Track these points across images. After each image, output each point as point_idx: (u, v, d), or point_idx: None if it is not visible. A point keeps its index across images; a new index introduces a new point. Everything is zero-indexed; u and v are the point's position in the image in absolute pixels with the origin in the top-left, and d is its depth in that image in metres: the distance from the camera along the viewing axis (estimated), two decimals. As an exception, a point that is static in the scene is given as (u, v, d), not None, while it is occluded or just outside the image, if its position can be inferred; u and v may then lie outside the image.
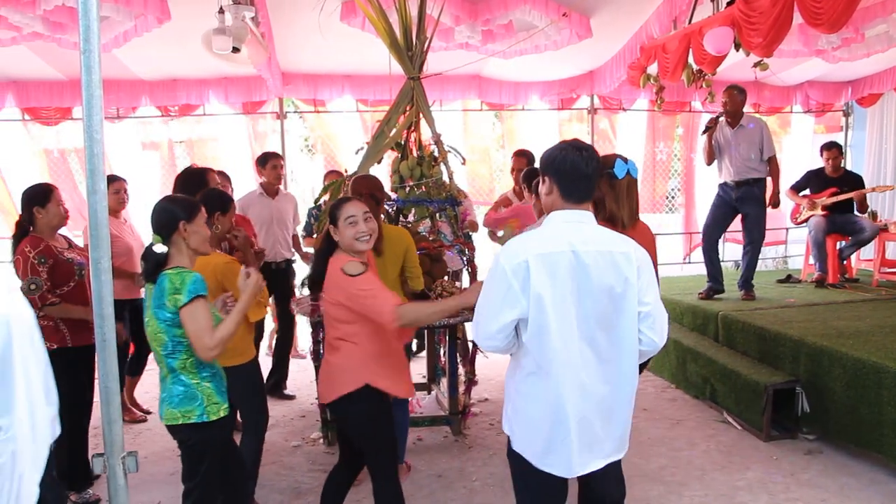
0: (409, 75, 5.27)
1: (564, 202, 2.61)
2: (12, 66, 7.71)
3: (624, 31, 7.50)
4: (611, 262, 2.52)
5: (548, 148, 2.70)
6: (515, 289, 2.48)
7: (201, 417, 2.96)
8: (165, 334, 2.90)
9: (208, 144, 9.15)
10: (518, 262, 2.48)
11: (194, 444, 3.03)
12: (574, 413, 2.54)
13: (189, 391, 2.96)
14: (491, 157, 9.94)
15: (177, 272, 2.89)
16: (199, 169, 4.53)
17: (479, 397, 6.15)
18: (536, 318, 2.50)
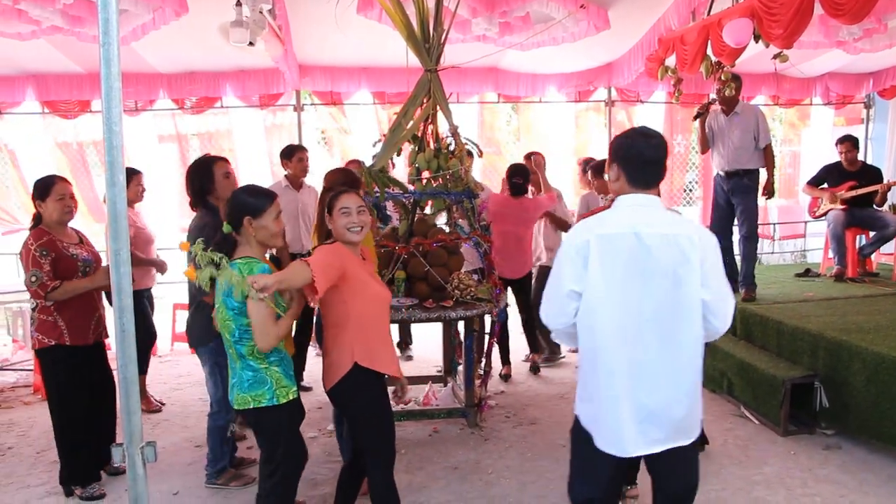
0: (427, 68, 5.26)
1: (631, 187, 2.69)
2: (32, 60, 7.76)
3: (642, 22, 7.45)
4: (674, 245, 2.56)
5: (616, 135, 2.81)
6: (577, 266, 2.61)
7: (271, 401, 3.08)
8: (233, 322, 3.03)
9: (224, 137, 9.18)
10: (581, 241, 2.61)
11: (267, 428, 3.16)
12: (627, 394, 2.60)
13: (258, 376, 3.08)
14: (508, 150, 9.91)
15: (245, 262, 2.99)
16: (205, 158, 4.53)
17: (495, 390, 6.15)
18: (590, 297, 2.61)
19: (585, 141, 10.13)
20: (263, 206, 3.14)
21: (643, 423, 2.62)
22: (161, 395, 6.26)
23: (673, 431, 2.65)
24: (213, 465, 4.43)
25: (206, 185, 4.32)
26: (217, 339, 4.25)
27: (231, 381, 3.16)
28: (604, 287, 2.58)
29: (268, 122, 9.30)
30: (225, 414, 4.35)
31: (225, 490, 4.38)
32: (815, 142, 10.64)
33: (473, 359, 5.17)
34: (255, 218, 3.11)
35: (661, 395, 2.61)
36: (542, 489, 4.29)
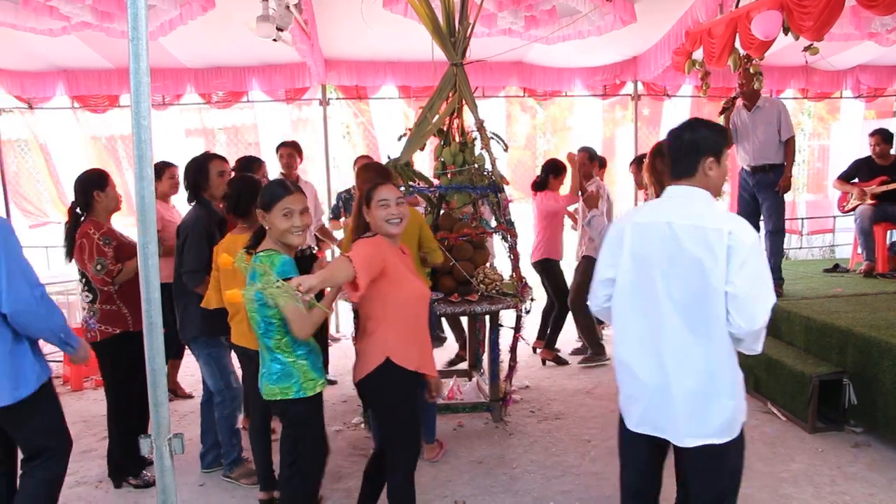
0: (452, 61, 5.25)
1: (672, 179, 2.77)
2: (63, 56, 7.86)
3: (669, 15, 7.39)
4: (702, 238, 2.58)
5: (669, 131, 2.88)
6: (613, 252, 2.79)
7: (298, 393, 3.10)
8: (258, 314, 3.05)
9: (250, 131, 9.24)
10: (618, 230, 2.79)
11: (293, 419, 3.17)
12: (650, 378, 2.68)
13: (286, 369, 3.10)
14: (534, 144, 9.88)
15: (266, 254, 3.01)
16: (202, 156, 4.61)
17: (520, 384, 6.15)
18: (620, 282, 2.77)
19: (612, 136, 10.07)
20: (270, 202, 3.11)
21: (666, 411, 2.66)
22: (189, 387, 6.32)
23: (696, 426, 2.64)
24: (226, 458, 4.47)
25: (201, 182, 4.41)
26: (208, 334, 4.32)
27: (261, 371, 3.19)
28: (633, 273, 2.71)
29: (293, 116, 9.35)
30: (229, 403, 4.41)
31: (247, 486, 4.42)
32: (845, 136, 10.50)
33: (498, 353, 5.17)
34: (266, 212, 3.12)
35: (687, 386, 2.62)
36: (566, 484, 4.29)
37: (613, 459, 4.54)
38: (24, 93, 8.58)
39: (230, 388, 4.40)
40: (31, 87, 8.48)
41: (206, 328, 4.29)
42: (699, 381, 2.62)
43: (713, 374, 2.62)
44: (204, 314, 4.23)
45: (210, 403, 4.53)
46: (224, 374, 4.39)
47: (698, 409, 2.63)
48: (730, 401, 2.65)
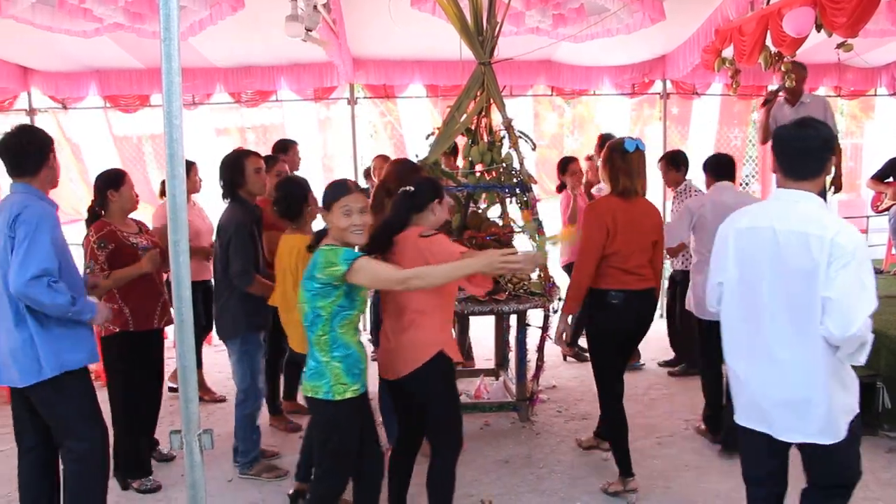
0: (480, 60, 5.25)
1: (784, 179, 2.74)
2: (95, 57, 7.95)
3: (698, 13, 7.31)
4: (803, 244, 2.57)
5: (777, 127, 2.93)
6: (720, 257, 2.83)
7: (327, 395, 3.08)
8: (308, 304, 3.07)
9: (278, 130, 9.28)
10: (723, 235, 2.82)
11: (319, 420, 3.21)
12: (755, 379, 2.74)
13: (319, 367, 3.11)
14: (561, 143, 9.83)
15: (330, 248, 3.02)
16: (237, 152, 4.63)
17: (547, 384, 6.12)
18: (730, 287, 2.81)
19: (640, 134, 10.00)
20: (331, 201, 3.12)
21: (774, 410, 2.72)
22: (217, 384, 6.37)
23: (799, 424, 2.68)
24: (244, 456, 4.50)
25: (237, 179, 4.41)
26: (247, 331, 4.35)
27: (306, 365, 3.21)
28: (737, 278, 2.75)
29: (321, 115, 9.38)
30: (252, 402, 4.44)
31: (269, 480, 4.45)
32: (880, 134, 10.31)
33: (525, 352, 5.15)
34: (327, 211, 3.14)
35: (790, 388, 2.66)
36: (593, 484, 4.27)
37: (642, 459, 4.55)
38: (58, 93, 8.69)
39: (255, 387, 4.44)
40: (65, 87, 8.59)
41: (246, 325, 4.33)
42: (797, 385, 2.64)
43: (812, 379, 2.63)
44: (244, 312, 4.28)
45: None
46: (253, 373, 4.42)
47: (796, 412, 2.67)
48: (826, 405, 2.65)
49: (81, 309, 3.25)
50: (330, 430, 3.17)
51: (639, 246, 4.00)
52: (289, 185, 4.07)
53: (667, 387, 6.10)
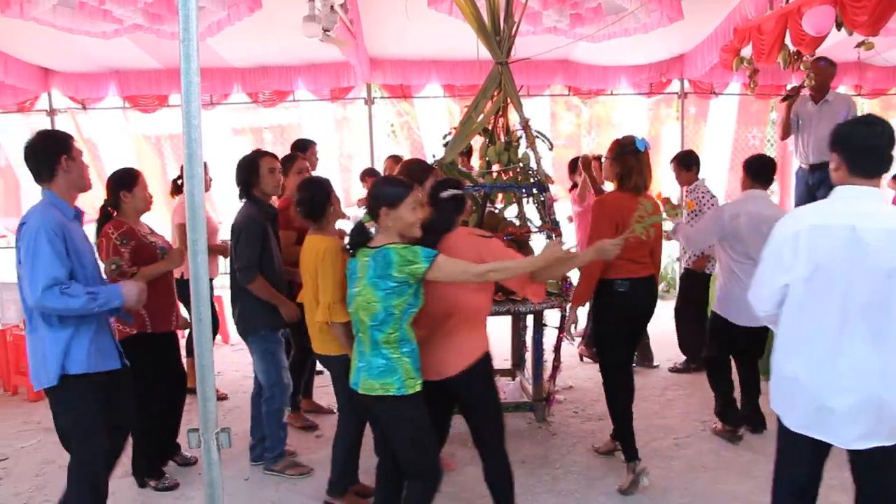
0: (497, 60, 5.24)
1: (851, 177, 2.66)
2: (115, 57, 8.03)
3: (716, 12, 7.28)
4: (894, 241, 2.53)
5: (839, 123, 2.81)
6: (786, 257, 2.66)
7: (399, 391, 3.09)
8: (380, 303, 3.05)
9: (295, 130, 9.32)
10: (792, 231, 2.65)
11: (392, 415, 3.18)
12: (822, 383, 2.63)
13: (389, 364, 3.10)
14: (578, 143, 9.82)
15: (402, 247, 3.05)
16: (253, 153, 4.64)
17: (564, 385, 6.11)
18: (797, 288, 2.66)
19: (657, 134, 9.96)
20: (399, 197, 3.14)
21: (844, 415, 2.62)
22: (233, 383, 6.41)
23: (872, 428, 2.62)
24: (271, 451, 4.52)
25: (251, 179, 4.44)
26: (264, 328, 4.37)
27: (357, 365, 3.20)
28: (810, 278, 2.62)
29: (338, 115, 9.42)
30: (280, 398, 4.45)
31: (294, 477, 4.47)
32: (900, 134, 10.21)
33: (542, 352, 5.15)
34: (391, 209, 3.13)
35: (868, 393, 2.59)
36: (609, 486, 4.26)
37: (657, 461, 4.53)
38: (78, 94, 8.78)
39: (281, 383, 4.45)
40: (85, 88, 8.68)
41: (265, 323, 4.36)
42: (873, 388, 2.58)
43: (889, 380, 2.59)
44: (260, 308, 4.31)
45: (260, 396, 4.58)
46: (277, 369, 4.44)
47: (870, 415, 2.60)
48: None
49: (106, 300, 3.22)
50: (408, 426, 3.18)
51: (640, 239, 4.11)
52: (312, 186, 4.04)
53: (682, 388, 6.07)
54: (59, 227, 3.17)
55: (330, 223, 4.05)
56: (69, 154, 3.31)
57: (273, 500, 4.24)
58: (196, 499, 4.25)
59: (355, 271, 3.18)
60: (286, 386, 4.50)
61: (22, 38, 7.13)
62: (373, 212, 3.17)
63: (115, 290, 3.28)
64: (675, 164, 6.30)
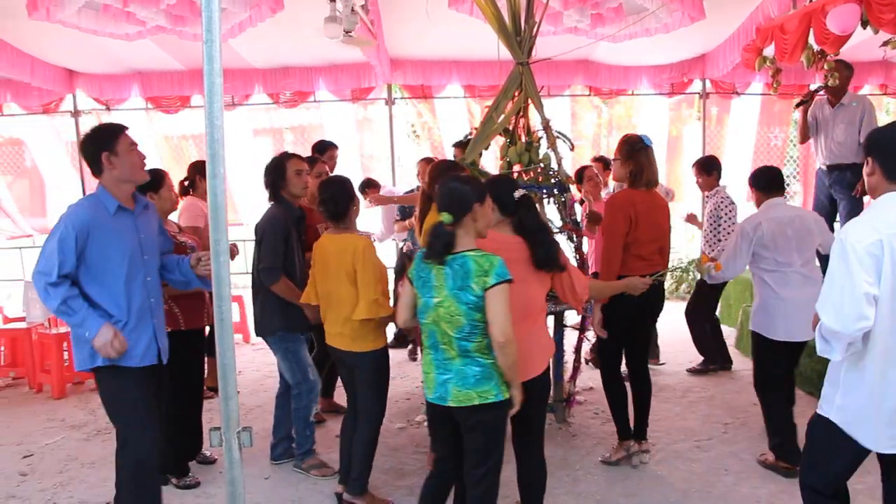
0: (518, 60, 5.24)
1: (889, 182, 2.64)
2: (138, 59, 8.11)
3: (739, 12, 7.23)
4: None
5: (876, 127, 2.84)
6: (870, 267, 2.54)
7: (498, 396, 3.03)
8: (465, 317, 2.96)
9: (316, 131, 9.37)
10: (873, 241, 2.54)
11: (490, 425, 3.09)
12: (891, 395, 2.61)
13: (485, 371, 3.01)
14: (599, 143, 9.79)
15: (482, 255, 2.95)
16: (280, 155, 4.66)
17: (584, 386, 6.09)
18: (884, 300, 2.57)
19: (678, 134, 9.91)
20: (484, 193, 3.08)
21: None
22: (254, 383, 6.45)
23: None
24: (299, 448, 4.55)
25: (279, 181, 4.46)
26: (284, 328, 4.37)
27: (444, 377, 3.07)
28: (891, 289, 2.55)
29: (359, 115, 9.45)
30: (306, 396, 4.47)
31: (314, 477, 4.49)
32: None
33: (563, 354, 5.13)
34: (481, 204, 3.04)
35: None
36: (630, 487, 4.24)
37: (678, 463, 4.51)
38: (102, 95, 8.88)
39: (307, 381, 4.47)
40: (109, 89, 8.77)
41: (285, 323, 4.37)
42: None
43: None
44: (282, 309, 4.32)
45: (285, 396, 4.61)
46: (301, 367, 4.46)
47: None
48: None
49: (80, 322, 3.18)
50: (500, 433, 3.13)
51: (655, 234, 4.27)
52: (334, 186, 4.03)
53: (704, 389, 6.04)
54: (84, 226, 3.17)
55: (353, 222, 4.06)
56: (112, 150, 3.28)
57: (293, 499, 4.26)
58: (217, 496, 4.28)
59: (430, 279, 3.06)
60: (313, 384, 4.50)
61: (47, 40, 7.22)
62: (461, 210, 3.00)
63: (94, 324, 3.19)
64: (696, 168, 6.26)
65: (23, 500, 4.38)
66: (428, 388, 3.16)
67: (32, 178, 9.98)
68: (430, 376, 3.14)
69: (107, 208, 3.28)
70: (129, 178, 3.35)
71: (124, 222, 3.33)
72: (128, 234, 3.33)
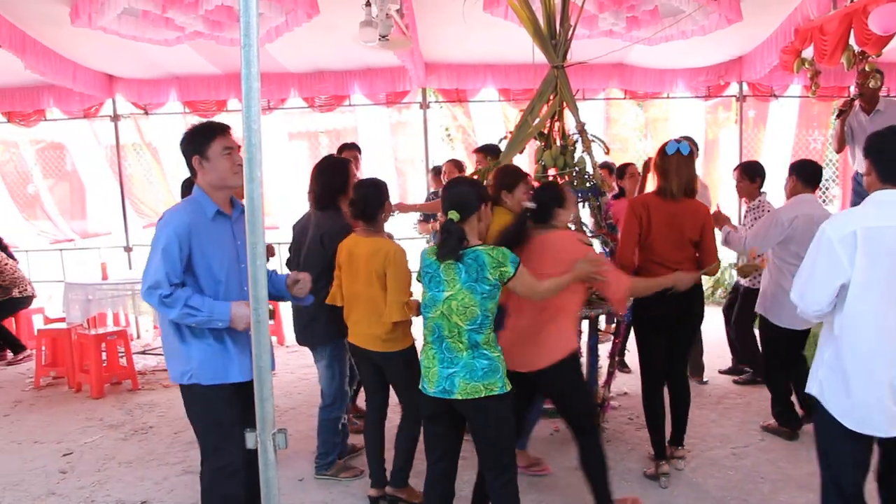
0: (553, 64, 5.22)
1: (883, 183, 2.78)
2: (175, 63, 8.23)
3: (777, 13, 7.15)
4: None
5: (874, 132, 2.93)
6: (842, 259, 2.70)
7: (503, 389, 3.15)
8: (479, 307, 3.10)
9: (350, 134, 9.42)
10: (846, 233, 2.69)
11: (496, 416, 3.18)
12: (885, 378, 2.72)
13: (492, 364, 3.14)
14: (634, 147, 9.73)
15: (492, 248, 3.13)
16: (342, 159, 4.63)
17: (619, 391, 6.05)
18: (854, 287, 2.71)
19: (714, 138, 9.81)
20: (488, 196, 3.34)
21: None
22: (288, 385, 6.50)
23: None
24: (323, 458, 4.53)
25: (343, 187, 4.34)
26: (338, 337, 4.34)
27: (450, 370, 3.15)
28: (866, 280, 2.68)
29: (393, 119, 9.49)
30: (339, 406, 4.45)
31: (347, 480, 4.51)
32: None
33: (597, 358, 5.10)
34: (486, 205, 3.29)
35: None
36: (664, 495, 4.20)
37: (713, 470, 4.46)
38: (141, 99, 9.04)
39: (342, 392, 4.45)
40: (147, 93, 8.93)
41: (335, 332, 4.30)
42: None
43: None
44: (334, 318, 4.20)
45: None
46: (341, 379, 4.44)
47: None
48: None
49: (207, 318, 3.03)
50: (506, 423, 3.22)
51: (674, 242, 4.19)
52: (368, 188, 4.01)
53: (740, 395, 5.96)
54: (186, 228, 3.03)
55: (381, 225, 4.05)
56: (203, 154, 3.11)
57: (326, 501, 4.28)
58: (252, 497, 4.31)
59: (438, 274, 3.19)
60: (346, 394, 4.52)
61: (88, 46, 7.37)
62: (468, 210, 3.19)
63: (223, 310, 3.03)
64: (738, 172, 5.98)
65: (63, 497, 4.46)
66: (429, 383, 3.22)
67: (73, 181, 10.18)
68: (432, 370, 3.21)
69: (205, 212, 3.12)
70: (219, 183, 3.14)
71: (222, 228, 3.17)
72: (226, 241, 3.17)
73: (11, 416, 6.08)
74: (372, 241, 3.92)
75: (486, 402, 3.12)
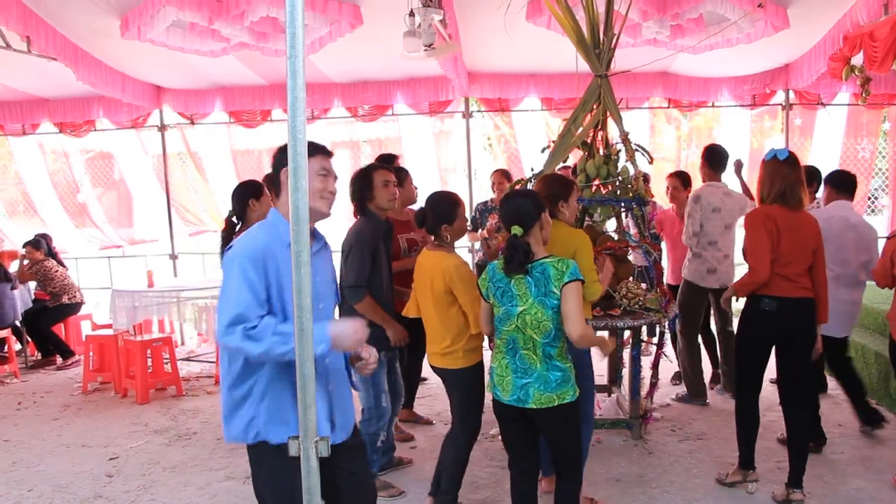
0: (597, 73, 5.20)
1: None
2: (220, 74, 8.35)
3: (825, 19, 7.01)
4: None
5: None
6: None
7: (573, 397, 3.26)
8: (551, 322, 3.17)
9: (394, 144, 9.46)
10: None
11: (567, 423, 3.30)
12: None
13: (565, 375, 3.24)
14: (679, 157, 9.62)
15: (558, 260, 3.18)
16: (367, 166, 4.58)
17: (661, 402, 5.97)
18: None
19: (760, 147, 9.65)
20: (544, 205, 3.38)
21: None
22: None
23: None
24: None
25: (367, 193, 4.35)
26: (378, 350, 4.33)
27: (523, 381, 3.23)
28: None
29: (436, 128, 9.50)
30: (376, 422, 4.35)
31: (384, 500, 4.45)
32: None
33: (640, 369, 5.05)
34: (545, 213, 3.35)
35: None
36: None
37: (761, 484, 4.36)
38: (187, 110, 9.18)
39: (379, 407, 4.33)
40: (193, 103, 9.07)
41: (377, 345, 4.25)
42: None
43: None
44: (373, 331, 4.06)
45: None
46: (376, 392, 4.31)
47: None
48: None
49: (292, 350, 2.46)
50: (577, 427, 3.35)
51: (799, 253, 3.97)
52: (431, 200, 3.93)
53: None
54: (261, 252, 2.64)
55: (445, 239, 3.90)
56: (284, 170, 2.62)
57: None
58: (294, 505, 4.32)
59: (509, 289, 3.23)
60: (384, 410, 4.36)
61: (137, 58, 7.51)
62: (530, 221, 3.22)
63: (322, 335, 2.56)
64: None
65: (109, 500, 4.53)
66: (503, 391, 3.30)
67: (120, 190, 10.39)
68: (506, 379, 3.29)
69: (281, 237, 2.66)
70: None
71: None
72: None
73: (60, 420, 6.21)
74: (432, 255, 3.87)
75: (558, 409, 3.22)
